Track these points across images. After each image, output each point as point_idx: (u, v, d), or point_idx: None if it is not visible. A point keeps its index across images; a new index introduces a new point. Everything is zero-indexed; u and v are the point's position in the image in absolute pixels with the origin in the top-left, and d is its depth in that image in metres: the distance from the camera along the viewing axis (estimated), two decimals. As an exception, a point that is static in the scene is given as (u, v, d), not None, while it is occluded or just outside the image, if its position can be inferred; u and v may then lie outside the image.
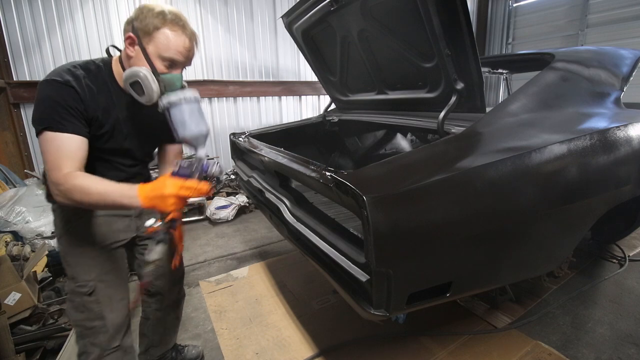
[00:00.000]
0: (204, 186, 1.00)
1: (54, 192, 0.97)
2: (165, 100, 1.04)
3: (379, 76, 2.07)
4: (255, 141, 2.09)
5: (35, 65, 3.29)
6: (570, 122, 1.46)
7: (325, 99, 5.00)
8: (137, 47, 1.06)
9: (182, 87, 1.13)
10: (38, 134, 0.99)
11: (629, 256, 2.48)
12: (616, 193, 1.52)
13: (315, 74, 2.60)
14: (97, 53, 3.52)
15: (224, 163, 4.54)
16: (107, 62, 1.14)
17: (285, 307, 2.04)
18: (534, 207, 1.24)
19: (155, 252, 1.03)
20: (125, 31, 1.08)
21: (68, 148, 0.98)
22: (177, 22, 1.06)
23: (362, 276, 1.02)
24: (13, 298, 1.67)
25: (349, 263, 1.10)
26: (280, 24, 3.48)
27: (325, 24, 2.05)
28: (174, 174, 1.01)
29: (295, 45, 2.49)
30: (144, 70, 1.03)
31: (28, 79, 3.25)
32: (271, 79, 4.70)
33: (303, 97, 5.03)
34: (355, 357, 1.64)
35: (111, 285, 1.22)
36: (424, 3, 1.32)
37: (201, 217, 3.65)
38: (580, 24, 5.15)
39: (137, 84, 1.04)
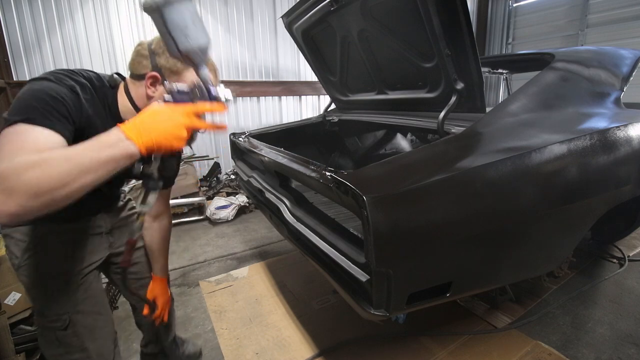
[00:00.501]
0: (219, 108, 0.78)
1: None
2: None
3: (379, 76, 2.08)
4: (255, 141, 2.09)
5: (35, 65, 3.29)
6: (570, 122, 1.46)
7: (325, 99, 5.00)
8: (160, 87, 0.92)
9: None
10: (6, 125, 0.70)
11: (628, 256, 2.47)
12: (616, 193, 1.52)
13: (315, 74, 2.60)
14: (97, 53, 3.52)
15: (224, 163, 4.54)
16: (113, 85, 1.00)
17: (285, 307, 2.04)
18: (534, 207, 1.24)
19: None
20: (140, 65, 0.93)
21: (41, 143, 0.70)
22: None
23: (362, 276, 1.02)
24: (13, 298, 1.66)
25: (349, 263, 1.10)
26: (280, 24, 3.48)
27: (325, 24, 2.05)
28: (170, 101, 0.79)
29: (295, 45, 2.49)
30: None
31: (28, 79, 3.25)
32: (271, 79, 4.70)
33: (303, 97, 5.03)
34: (355, 357, 1.64)
35: (90, 314, 1.09)
36: (424, 3, 1.32)
37: (201, 217, 3.65)
38: (580, 24, 5.15)
39: None
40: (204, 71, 0.81)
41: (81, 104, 0.85)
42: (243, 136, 2.34)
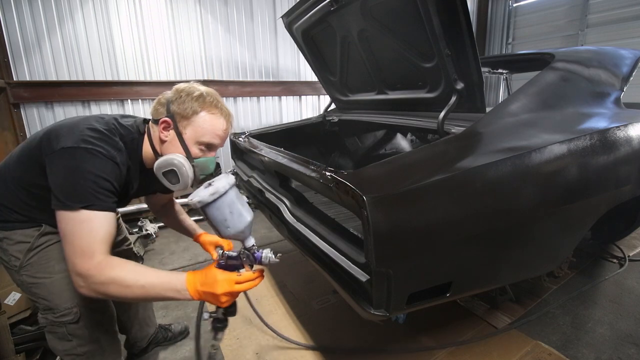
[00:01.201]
0: (257, 279, 0.94)
1: (78, 284, 0.83)
2: (196, 200, 0.88)
3: (379, 76, 2.07)
4: (255, 141, 2.09)
5: (35, 65, 3.28)
6: (570, 122, 1.46)
7: (325, 99, 5.00)
8: (171, 132, 1.00)
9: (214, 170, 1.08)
10: (67, 209, 0.84)
11: (629, 256, 2.47)
12: (616, 193, 1.52)
13: (315, 74, 2.60)
14: (97, 53, 3.52)
15: (224, 163, 4.54)
16: (141, 135, 1.08)
17: (285, 307, 2.04)
18: (534, 207, 1.24)
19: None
20: (157, 112, 1.03)
21: (104, 229, 0.86)
22: (216, 104, 1.02)
23: (362, 276, 1.02)
24: (13, 298, 1.66)
25: (349, 263, 1.10)
26: (280, 24, 3.48)
27: (325, 24, 2.05)
28: (221, 267, 0.93)
29: (295, 45, 2.48)
30: (179, 158, 0.98)
31: (28, 79, 3.24)
32: (271, 79, 4.70)
33: (303, 97, 5.03)
34: (354, 357, 1.64)
35: (98, 306, 1.12)
36: (424, 3, 1.32)
37: (201, 217, 3.64)
38: (580, 24, 5.14)
39: (171, 173, 0.99)
40: (249, 242, 0.99)
41: (121, 172, 0.96)
42: (243, 136, 2.34)
